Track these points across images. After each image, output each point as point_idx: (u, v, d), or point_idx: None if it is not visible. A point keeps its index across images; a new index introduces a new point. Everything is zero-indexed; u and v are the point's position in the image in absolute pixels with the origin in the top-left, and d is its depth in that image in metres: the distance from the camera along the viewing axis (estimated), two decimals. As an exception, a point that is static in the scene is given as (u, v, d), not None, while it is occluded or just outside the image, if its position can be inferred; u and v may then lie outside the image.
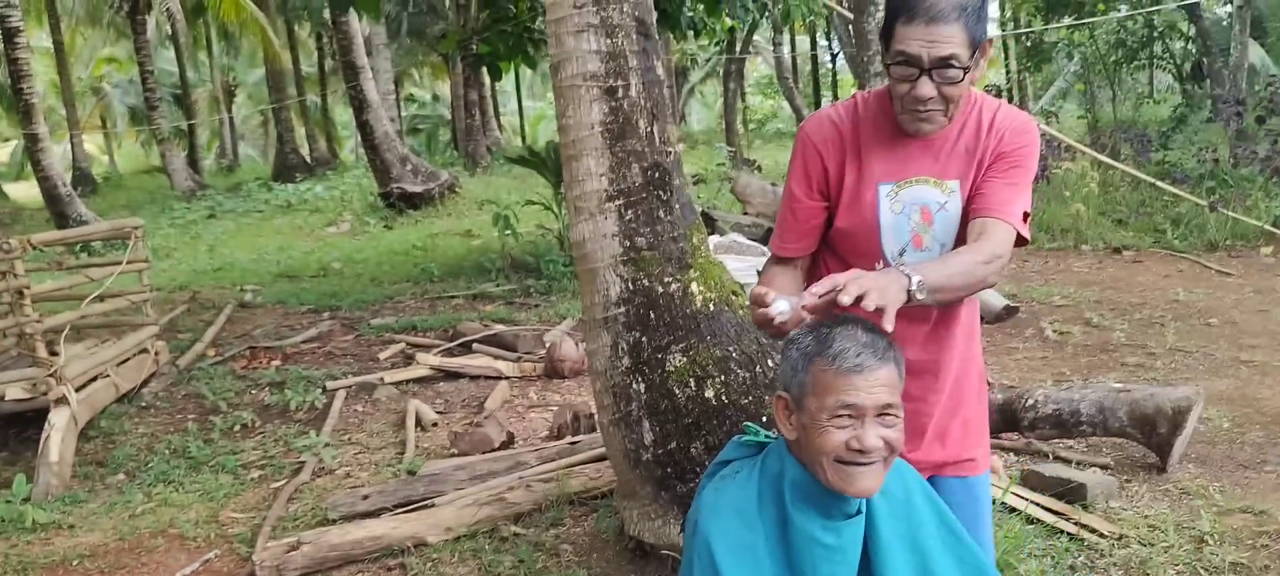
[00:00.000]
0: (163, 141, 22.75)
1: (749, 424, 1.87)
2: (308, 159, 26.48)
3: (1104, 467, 4.35)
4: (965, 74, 1.92)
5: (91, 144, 41.93)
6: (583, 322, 3.74)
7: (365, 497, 4.46)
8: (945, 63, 1.89)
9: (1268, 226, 9.30)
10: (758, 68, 39.38)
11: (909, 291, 1.75)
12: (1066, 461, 4.44)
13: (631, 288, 3.44)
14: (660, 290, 3.52)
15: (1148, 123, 14.37)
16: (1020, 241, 2.02)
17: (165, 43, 31.75)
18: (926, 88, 1.92)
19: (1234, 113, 10.85)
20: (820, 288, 1.70)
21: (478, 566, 3.86)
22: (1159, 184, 10.22)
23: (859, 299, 1.65)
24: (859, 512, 1.77)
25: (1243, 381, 5.56)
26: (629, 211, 3.41)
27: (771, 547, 1.76)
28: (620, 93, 3.45)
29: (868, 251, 2.09)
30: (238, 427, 5.75)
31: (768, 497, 1.79)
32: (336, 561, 3.93)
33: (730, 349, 3.52)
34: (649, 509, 3.47)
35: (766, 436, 1.89)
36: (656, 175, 3.45)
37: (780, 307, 1.74)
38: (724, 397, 3.43)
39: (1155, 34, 16.42)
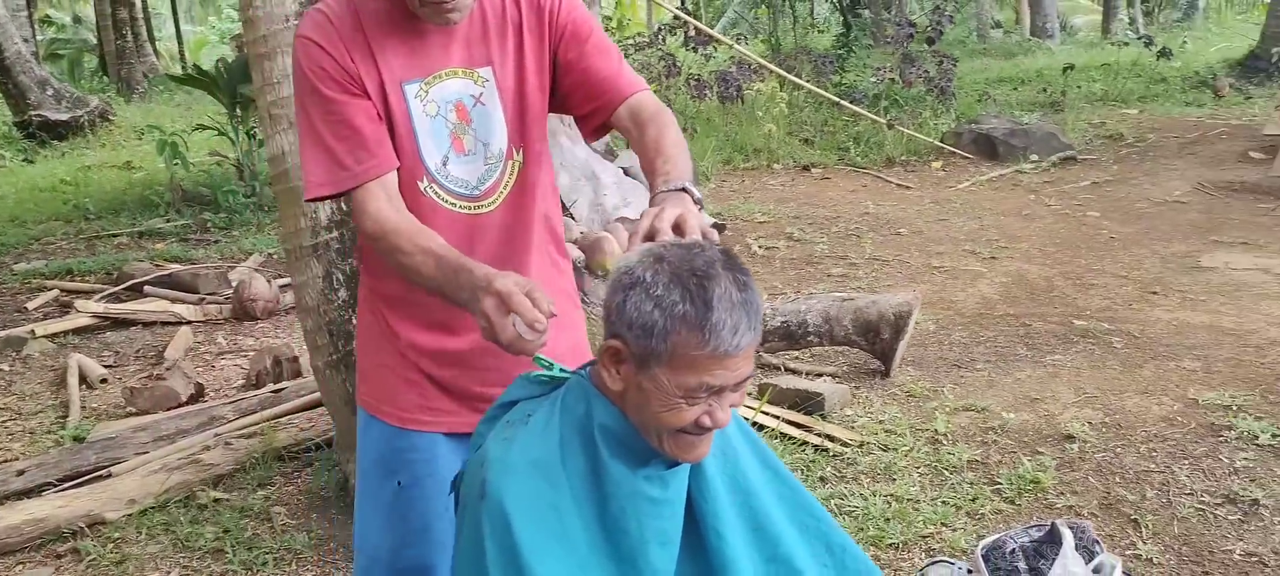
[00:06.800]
0: None
1: (541, 356, 1.52)
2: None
3: (834, 376, 4.40)
4: None
5: None
6: (287, 253, 3.21)
7: (20, 473, 3.71)
8: None
9: (936, 143, 10.02)
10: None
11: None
12: (797, 372, 4.45)
13: (347, 208, 2.98)
14: (382, 209, 3.08)
15: (814, 49, 15.13)
16: None
17: None
18: None
19: (906, 35, 11.57)
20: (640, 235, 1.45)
21: (172, 542, 3.28)
22: (842, 103, 10.74)
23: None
24: None
25: (938, 286, 5.86)
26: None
27: (580, 505, 1.43)
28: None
29: (407, 168, 1.74)
30: None
31: (572, 446, 1.46)
32: (-14, 554, 3.22)
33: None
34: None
35: (562, 370, 1.55)
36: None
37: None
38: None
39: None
